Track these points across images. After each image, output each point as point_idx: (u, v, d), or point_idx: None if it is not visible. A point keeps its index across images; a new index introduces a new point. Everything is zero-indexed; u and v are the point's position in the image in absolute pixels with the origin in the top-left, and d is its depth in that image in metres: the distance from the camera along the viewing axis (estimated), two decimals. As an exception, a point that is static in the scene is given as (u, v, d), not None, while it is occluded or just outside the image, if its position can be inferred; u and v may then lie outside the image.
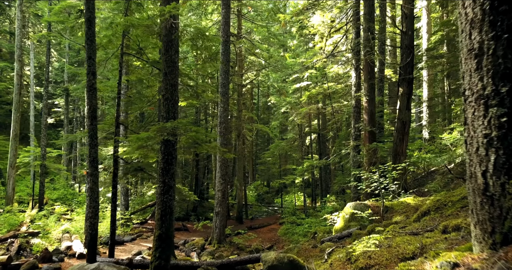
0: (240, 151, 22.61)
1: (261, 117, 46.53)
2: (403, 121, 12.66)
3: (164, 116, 7.25)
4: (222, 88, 15.00)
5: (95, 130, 8.62)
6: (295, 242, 16.38)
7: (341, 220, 9.20)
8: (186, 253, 13.36)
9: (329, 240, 8.23)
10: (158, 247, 6.92)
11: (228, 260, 8.60)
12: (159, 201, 7.12)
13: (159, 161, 7.23)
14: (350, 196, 14.06)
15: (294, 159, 32.47)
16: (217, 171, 15.06)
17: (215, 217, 14.81)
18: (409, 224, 5.59)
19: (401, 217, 7.73)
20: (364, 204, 8.87)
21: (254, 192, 36.10)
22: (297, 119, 25.01)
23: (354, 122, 13.58)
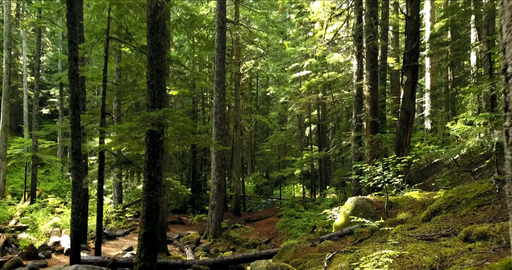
0: (238, 142, 22.03)
1: (260, 107, 45.90)
2: (407, 111, 12.05)
3: (150, 105, 6.63)
4: (217, 76, 14.35)
5: (77, 120, 8.02)
6: (294, 236, 15.90)
7: (341, 216, 8.66)
8: (180, 248, 12.87)
9: (329, 238, 7.69)
10: (143, 247, 6.37)
11: (221, 259, 8.08)
12: (145, 197, 6.55)
13: (145, 153, 6.65)
14: (351, 188, 13.52)
15: (293, 150, 31.91)
16: (212, 163, 14.50)
17: (210, 211, 14.30)
18: (418, 225, 5.02)
19: (407, 214, 7.18)
20: (367, 199, 8.31)
21: (253, 184, 35.63)
22: (296, 109, 24.37)
23: (355, 112, 12.96)
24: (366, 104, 12.64)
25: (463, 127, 7.40)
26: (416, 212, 7.07)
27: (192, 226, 17.26)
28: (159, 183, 6.68)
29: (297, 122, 28.48)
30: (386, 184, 8.37)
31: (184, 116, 7.02)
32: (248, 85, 33.04)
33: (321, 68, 21.84)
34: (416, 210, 7.20)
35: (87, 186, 10.64)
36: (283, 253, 7.26)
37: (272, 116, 31.99)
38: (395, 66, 19.65)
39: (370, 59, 12.51)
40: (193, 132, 6.71)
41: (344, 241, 7.10)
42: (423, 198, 7.86)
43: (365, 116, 12.43)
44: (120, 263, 8.20)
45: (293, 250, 7.13)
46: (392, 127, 15.74)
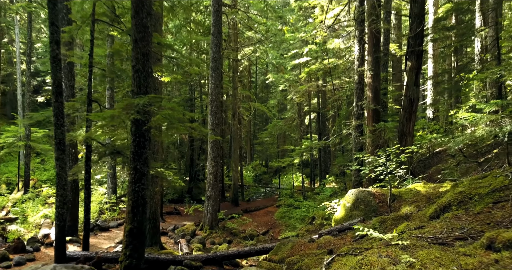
0: (236, 131, 21.54)
1: (260, 95, 45.29)
2: (410, 99, 11.53)
3: (135, 91, 6.11)
4: (213, 62, 13.78)
5: (60, 108, 7.51)
6: (292, 227, 15.55)
7: (341, 209, 8.23)
8: (175, 240, 12.51)
9: (328, 233, 7.27)
10: (129, 244, 5.94)
11: (215, 254, 7.67)
12: (130, 191, 6.09)
13: (130, 144, 6.16)
14: (351, 179, 13.09)
15: (293, 139, 31.44)
16: (208, 153, 14.03)
17: (206, 202, 13.90)
18: (426, 223, 4.56)
19: (411, 208, 6.73)
20: (368, 192, 7.86)
21: (252, 173, 35.29)
22: (295, 97, 23.80)
23: (356, 100, 12.43)
24: (368, 91, 12.11)
25: (472, 115, 6.91)
26: (422, 206, 6.63)
27: (188, 216, 16.89)
28: (146, 175, 6.21)
29: (296, 110, 27.94)
30: (389, 176, 7.92)
31: (172, 103, 6.51)
32: (247, 72, 32.39)
33: (321, 54, 21.20)
34: (421, 204, 6.76)
35: (76, 177, 10.18)
36: (279, 249, 6.85)
37: (271, 104, 31.41)
38: (397, 52, 19.03)
39: (372, 44, 11.93)
40: (182, 121, 6.21)
41: (344, 237, 6.68)
42: (428, 191, 7.41)
43: (366, 104, 11.92)
44: (109, 258, 7.79)
45: (290, 246, 6.71)
46: (394, 116, 15.24)
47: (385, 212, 7.32)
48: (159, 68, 10.10)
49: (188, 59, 9.26)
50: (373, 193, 7.84)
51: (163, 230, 13.46)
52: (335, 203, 9.29)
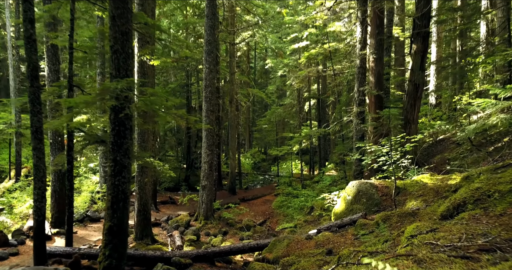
0: (233, 118, 20.90)
1: (259, 81, 44.48)
2: (415, 84, 10.90)
3: (114, 75, 5.49)
4: (207, 45, 13.06)
5: (37, 94, 6.89)
6: (290, 217, 15.10)
7: (342, 202, 7.69)
8: (168, 232, 12.04)
9: (327, 229, 6.74)
10: (108, 243, 5.41)
11: (205, 251, 7.16)
12: (110, 185, 5.53)
13: (109, 133, 5.57)
14: (352, 167, 12.55)
15: (292, 126, 30.83)
16: (203, 141, 13.45)
17: (201, 191, 13.39)
18: (438, 224, 4.00)
19: (418, 203, 6.18)
20: (370, 184, 7.31)
21: (251, 160, 34.82)
22: (295, 83, 23.10)
23: (358, 85, 11.78)
24: (370, 76, 11.46)
25: (486, 101, 6.30)
26: (429, 201, 6.08)
27: (183, 206, 16.43)
28: (127, 167, 5.64)
29: (296, 96, 27.26)
30: (393, 166, 7.36)
31: (154, 89, 5.90)
32: (245, 57, 31.57)
33: (321, 38, 20.42)
34: (428, 198, 6.21)
35: (60, 167, 9.63)
36: (274, 247, 6.33)
37: (270, 90, 30.66)
38: (400, 36, 18.26)
39: (376, 25, 11.22)
40: (167, 108, 5.61)
41: (345, 234, 6.15)
42: (436, 183, 6.85)
43: (368, 89, 11.27)
44: (93, 254, 7.29)
45: (286, 243, 6.19)
46: (397, 102, 14.61)
47: (389, 206, 6.79)
48: (147, 51, 9.45)
49: (178, 40, 8.59)
50: (376, 185, 7.29)
51: (156, 221, 13.00)
52: (334, 195, 8.76)
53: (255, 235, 13.01)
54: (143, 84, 10.00)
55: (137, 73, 10.06)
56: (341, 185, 15.05)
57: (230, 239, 12.38)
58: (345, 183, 15.45)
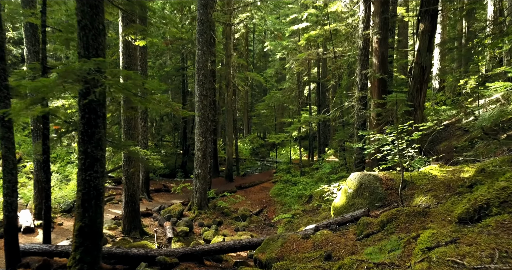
0: (230, 102, 20.15)
1: (257, 65, 43.51)
2: (422, 66, 10.16)
3: (82, 54, 4.77)
4: (200, 25, 12.23)
5: (3, 77, 6.17)
6: (288, 206, 14.55)
7: (342, 195, 7.06)
8: (160, 223, 11.49)
9: (326, 226, 6.13)
10: (79, 246, 4.80)
11: (193, 249, 6.57)
12: (80, 180, 4.89)
13: (79, 122, 4.89)
14: (353, 156, 11.91)
15: (291, 111, 30.07)
16: (196, 128, 12.77)
17: (195, 180, 12.80)
18: (458, 232, 3.35)
19: (428, 199, 5.55)
20: (374, 176, 6.67)
21: (249, 146, 34.21)
22: (294, 66, 22.23)
23: (360, 68, 11.02)
24: (374, 58, 10.69)
25: (505, 84, 5.59)
26: (440, 197, 5.44)
27: (178, 194, 15.85)
28: (100, 160, 4.97)
29: (295, 80, 26.41)
30: (397, 157, 6.70)
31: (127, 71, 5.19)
32: (243, 40, 30.54)
33: (321, 19, 19.47)
34: (439, 194, 5.57)
35: (38, 157, 8.98)
36: (268, 246, 5.73)
37: (269, 73, 29.75)
38: (404, 15, 17.37)
39: (381, 2, 10.38)
40: (145, 93, 4.92)
41: (346, 233, 5.54)
42: (446, 176, 6.21)
43: (372, 72, 10.53)
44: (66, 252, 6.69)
45: (280, 243, 5.58)
46: (401, 86, 13.86)
47: (394, 201, 6.16)
48: (132, 30, 8.66)
49: (163, 18, 7.81)
50: (380, 177, 6.65)
51: (148, 211, 12.44)
52: (334, 187, 8.13)
53: (251, 225, 12.48)
54: (129, 67, 9.26)
55: (122, 55, 9.31)
56: (341, 173, 14.46)
57: (225, 230, 11.85)
58: (345, 171, 14.86)
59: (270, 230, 12.16)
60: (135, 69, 9.45)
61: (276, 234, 5.99)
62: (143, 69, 14.50)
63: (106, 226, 10.05)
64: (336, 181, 14.22)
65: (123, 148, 7.61)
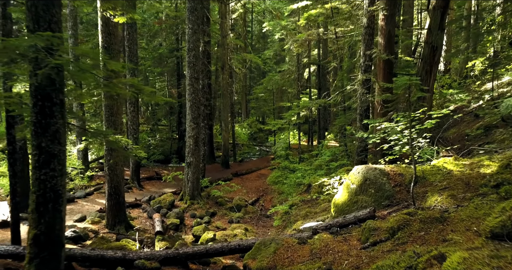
0: (226, 86, 19.23)
1: (256, 46, 42.28)
2: (432, 46, 9.26)
3: (31, 28, 3.92)
4: (190, 2, 11.25)
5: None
6: (286, 195, 13.86)
7: (344, 191, 6.30)
8: (149, 214, 10.82)
9: (325, 228, 5.39)
10: (34, 258, 4.05)
11: (176, 252, 5.85)
12: (34, 180, 4.11)
13: (30, 111, 4.08)
14: (355, 143, 11.13)
15: (290, 95, 29.11)
16: (187, 113, 11.95)
17: (187, 169, 12.07)
18: (498, 258, 2.59)
19: (444, 199, 4.78)
20: (380, 171, 5.89)
21: (247, 130, 33.42)
22: (293, 47, 21.17)
23: (364, 48, 10.09)
24: (380, 37, 9.77)
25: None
26: (459, 197, 4.67)
27: (170, 182, 15.15)
28: (58, 156, 4.18)
29: (295, 62, 25.37)
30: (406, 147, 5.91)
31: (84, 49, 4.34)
32: (242, 20, 29.35)
33: (323, -5, 18.32)
34: (457, 193, 4.80)
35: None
36: (259, 252, 5.00)
37: (266, 55, 28.64)
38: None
39: (388, -25, 9.38)
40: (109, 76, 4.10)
41: (349, 238, 4.80)
42: (464, 171, 5.43)
43: (377, 52, 9.62)
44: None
45: (273, 249, 4.85)
46: (406, 68, 12.93)
47: (404, 200, 5.40)
48: (110, 5, 7.73)
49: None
50: (387, 172, 5.87)
51: (137, 202, 11.76)
52: (335, 181, 7.37)
53: (246, 216, 11.82)
54: (108, 47, 8.38)
55: (100, 33, 8.40)
56: (342, 161, 13.72)
57: (218, 221, 11.20)
58: (346, 158, 14.11)
59: (266, 222, 11.51)
60: (117, 49, 8.56)
61: (268, 238, 5.26)
62: (132, 50, 13.57)
63: (89, 219, 9.36)
64: (337, 169, 13.49)
65: (99, 137, 6.81)
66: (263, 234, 10.09)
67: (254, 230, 10.42)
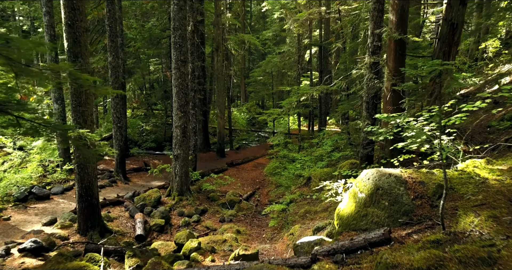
0: (220, 69, 17.91)
1: (256, 27, 40.63)
2: (452, 24, 7.96)
3: None
4: (174, -26, 9.88)
5: None
6: (284, 189, 12.78)
7: (350, 200, 5.18)
8: (131, 213, 9.77)
9: (328, 253, 4.28)
10: None
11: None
12: None
13: None
14: (361, 135, 9.96)
15: (290, 78, 27.72)
16: (173, 100, 10.74)
17: (174, 162, 10.96)
18: None
19: (483, 222, 3.64)
20: (396, 178, 4.74)
21: (246, 114, 32.21)
22: (293, 27, 19.71)
23: (372, 27, 8.79)
24: (391, 14, 8.45)
25: None
26: (504, 220, 3.53)
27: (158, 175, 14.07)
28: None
29: (295, 44, 23.91)
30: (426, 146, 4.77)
31: None
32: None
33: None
34: (500, 214, 3.66)
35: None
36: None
37: (265, 35, 27.11)
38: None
39: None
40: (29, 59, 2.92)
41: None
42: (503, 180, 4.28)
43: (388, 31, 8.32)
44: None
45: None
46: (416, 50, 11.61)
47: (427, 218, 4.27)
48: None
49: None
50: (404, 179, 4.71)
51: (118, 199, 10.68)
52: (339, 186, 6.22)
53: (239, 214, 10.79)
54: (73, 24, 7.12)
55: (63, 8, 7.13)
56: (345, 152, 12.59)
57: (208, 220, 10.17)
58: (349, 149, 12.97)
59: (262, 220, 10.48)
60: (83, 27, 7.29)
61: (257, 266, 4.16)
62: (113, 30, 12.24)
63: (58, 223, 8.30)
64: (339, 161, 12.37)
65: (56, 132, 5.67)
66: (257, 236, 9.06)
67: (248, 231, 9.39)
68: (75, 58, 7.35)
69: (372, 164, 8.85)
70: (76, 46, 7.34)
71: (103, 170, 14.07)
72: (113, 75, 12.49)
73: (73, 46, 7.31)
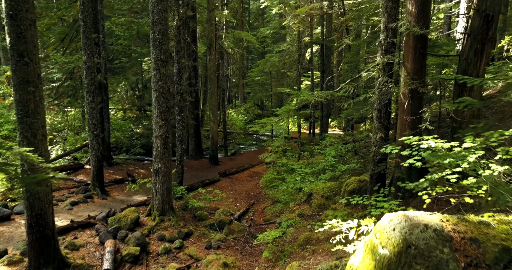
0: (213, 68, 16.45)
1: (254, 24, 39.22)
2: (486, 15, 6.54)
3: None
4: (152, -42, 8.42)
5: None
6: (282, 205, 11.37)
7: (367, 257, 3.72)
8: (101, 239, 8.33)
9: None
10: None
11: None
12: None
13: None
14: (371, 148, 8.52)
15: (290, 79, 26.24)
16: (153, 106, 9.30)
17: (154, 177, 9.53)
18: None
19: None
20: (435, 231, 3.28)
21: (244, 116, 30.82)
22: (293, 23, 18.25)
23: (386, 20, 7.34)
24: (409, 3, 6.99)
25: None
26: None
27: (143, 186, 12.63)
28: None
29: (295, 42, 22.43)
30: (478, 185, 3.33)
31: None
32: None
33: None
34: None
35: None
36: None
37: (264, 33, 25.64)
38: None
39: None
40: None
41: None
42: None
43: (406, 25, 6.86)
44: None
45: None
46: (439, 47, 10.15)
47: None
48: None
49: None
50: (448, 234, 3.25)
51: (89, 220, 9.24)
52: (349, 227, 4.76)
53: (229, 238, 9.35)
54: (15, 16, 5.68)
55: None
56: (351, 164, 11.14)
57: (192, 246, 8.75)
58: (355, 161, 11.54)
59: (255, 247, 9.03)
60: (30, 18, 5.86)
61: None
62: (87, 25, 10.80)
63: (4, 259, 6.85)
64: (344, 176, 10.95)
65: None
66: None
67: (237, 262, 7.96)
68: (20, 57, 5.93)
69: (385, 186, 7.40)
70: (21, 43, 5.91)
71: (79, 182, 12.64)
72: (88, 76, 11.03)
73: (16, 42, 5.89)
